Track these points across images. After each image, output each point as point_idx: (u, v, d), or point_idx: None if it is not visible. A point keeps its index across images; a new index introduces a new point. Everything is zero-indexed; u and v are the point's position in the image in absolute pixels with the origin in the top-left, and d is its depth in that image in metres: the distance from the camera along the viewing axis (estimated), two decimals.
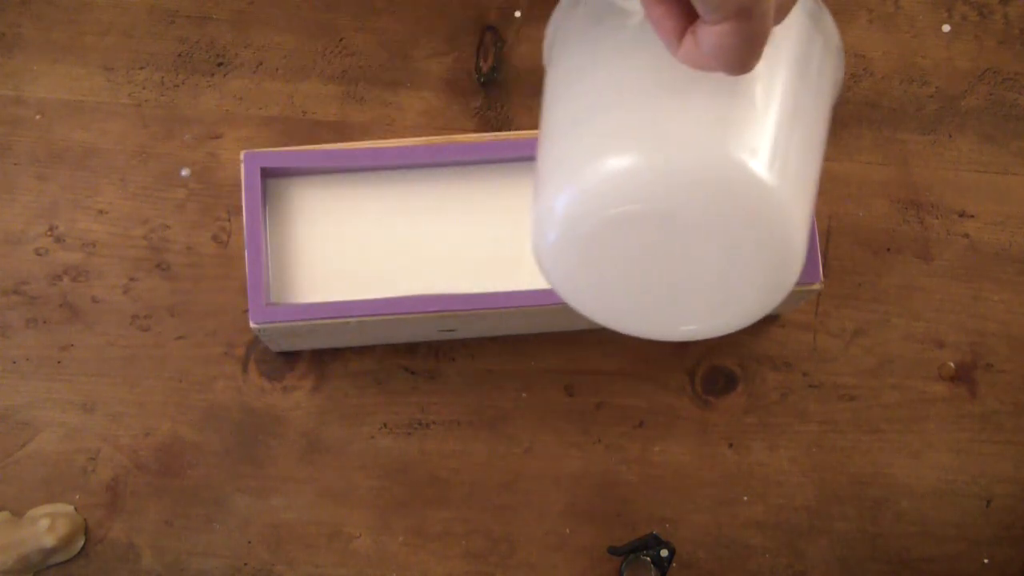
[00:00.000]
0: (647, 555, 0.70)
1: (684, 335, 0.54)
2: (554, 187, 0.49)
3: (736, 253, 0.48)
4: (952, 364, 0.75)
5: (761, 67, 0.47)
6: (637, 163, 0.46)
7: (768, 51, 0.47)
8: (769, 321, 0.74)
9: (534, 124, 0.77)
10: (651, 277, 0.51)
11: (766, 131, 0.48)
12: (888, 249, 0.76)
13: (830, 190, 0.76)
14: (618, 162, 0.46)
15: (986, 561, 0.73)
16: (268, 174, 0.66)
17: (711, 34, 0.43)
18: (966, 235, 0.76)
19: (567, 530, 0.72)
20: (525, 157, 0.65)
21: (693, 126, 0.47)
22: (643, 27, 0.47)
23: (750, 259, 0.49)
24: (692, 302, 0.52)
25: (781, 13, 0.45)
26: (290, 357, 0.73)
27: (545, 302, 0.64)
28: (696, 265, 0.50)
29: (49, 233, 0.74)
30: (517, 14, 0.78)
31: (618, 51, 0.49)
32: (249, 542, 0.71)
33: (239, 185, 0.67)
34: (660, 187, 0.46)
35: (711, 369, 0.74)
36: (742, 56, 0.44)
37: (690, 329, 0.54)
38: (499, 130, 0.76)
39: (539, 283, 0.65)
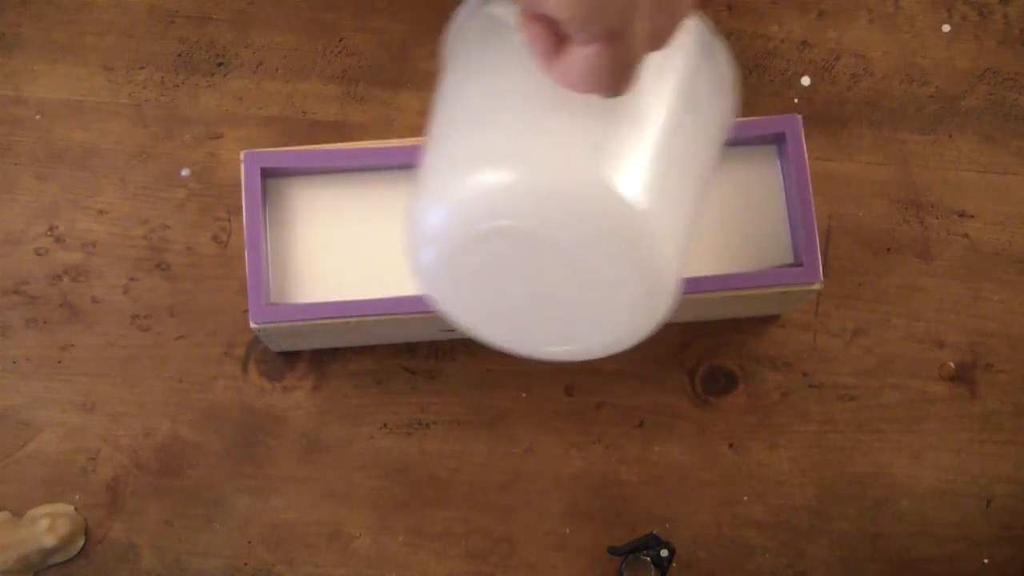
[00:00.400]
0: (647, 555, 0.70)
1: (556, 355, 0.54)
2: (429, 196, 0.48)
3: (606, 277, 0.48)
4: (952, 364, 0.75)
5: (643, 92, 0.46)
6: (510, 180, 0.46)
7: (651, 78, 0.46)
8: (769, 321, 0.74)
9: None
10: (523, 295, 0.51)
11: (641, 157, 0.47)
12: (888, 249, 0.76)
13: (830, 190, 0.76)
14: (491, 177, 0.46)
15: (986, 561, 0.73)
16: (268, 174, 0.66)
17: (580, 56, 0.43)
18: (966, 235, 0.76)
19: (567, 530, 0.72)
20: None
21: (567, 147, 0.46)
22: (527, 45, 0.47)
23: (620, 284, 0.48)
24: (564, 322, 0.52)
25: (658, 41, 0.45)
26: (290, 357, 0.73)
27: None
28: (567, 286, 0.49)
29: (49, 233, 0.74)
30: None
31: (502, 66, 0.49)
32: (249, 542, 0.71)
33: (239, 185, 0.67)
34: (531, 206, 0.46)
35: (711, 369, 0.74)
36: (611, 79, 0.43)
37: (562, 350, 0.53)
38: None
39: None
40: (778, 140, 0.67)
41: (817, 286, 0.65)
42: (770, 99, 0.77)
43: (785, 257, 0.67)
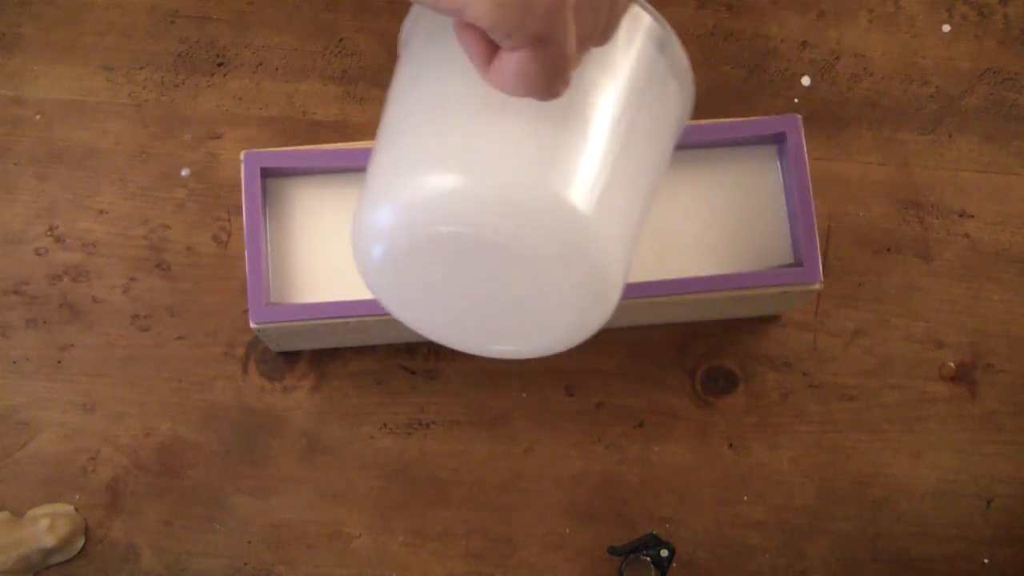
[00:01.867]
0: (647, 555, 0.70)
1: (501, 353, 0.54)
2: (375, 198, 0.48)
3: (551, 279, 0.48)
4: (952, 364, 0.75)
5: (591, 92, 0.46)
6: (456, 184, 0.46)
7: (600, 76, 0.46)
8: (769, 321, 0.74)
9: None
10: (469, 295, 0.51)
11: (589, 159, 0.47)
12: (888, 249, 0.76)
13: (830, 190, 0.76)
14: (438, 181, 0.46)
15: (986, 561, 0.73)
16: (268, 174, 0.66)
17: (509, 61, 0.43)
18: (966, 235, 0.76)
19: (567, 530, 0.72)
20: None
21: (512, 151, 0.46)
22: None
23: (565, 286, 0.48)
24: (508, 322, 0.52)
25: (594, 40, 0.44)
26: (290, 357, 0.73)
27: None
28: (512, 287, 0.49)
29: (49, 233, 0.74)
30: None
31: (450, 69, 0.48)
32: (249, 542, 0.71)
33: (239, 185, 0.67)
34: (477, 210, 0.46)
35: (711, 369, 0.74)
36: (544, 82, 0.43)
37: (505, 349, 0.54)
38: None
39: None
40: (778, 140, 0.67)
41: (817, 286, 0.65)
42: (770, 99, 0.77)
43: (785, 257, 0.67)
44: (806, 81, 0.78)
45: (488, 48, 0.44)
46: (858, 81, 0.78)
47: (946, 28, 0.79)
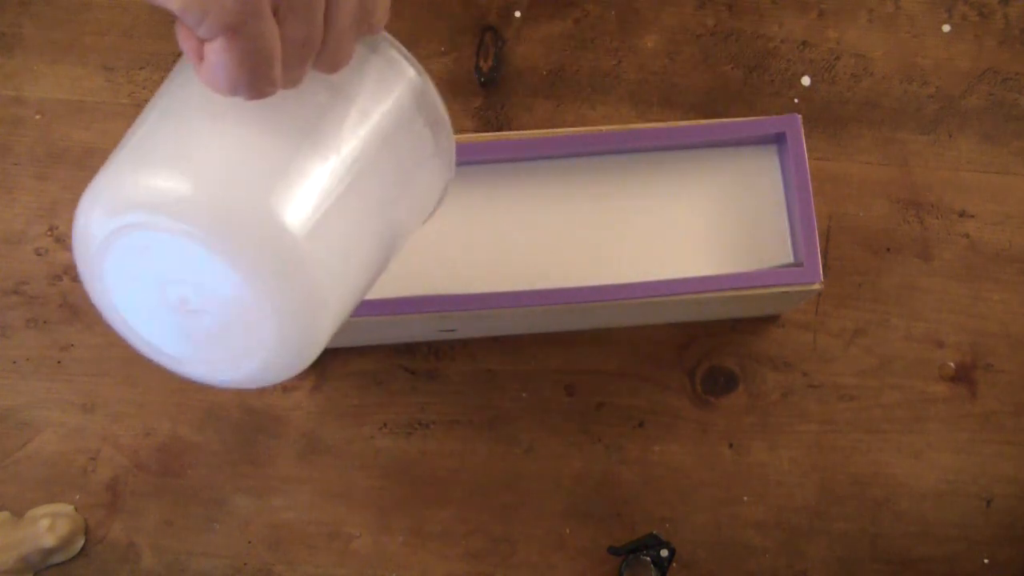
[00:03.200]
0: (647, 555, 0.70)
1: (200, 377, 0.51)
2: (89, 192, 0.47)
3: (249, 295, 0.45)
4: (952, 364, 0.75)
5: (321, 116, 0.45)
6: (165, 185, 0.44)
7: (335, 102, 0.46)
8: (769, 321, 0.74)
9: (534, 124, 0.77)
10: (175, 312, 0.48)
11: (303, 179, 0.45)
12: (888, 249, 0.76)
13: (830, 190, 0.76)
14: (145, 178, 0.44)
15: (986, 561, 0.73)
16: None
17: (208, 52, 0.42)
18: (966, 235, 0.76)
19: (567, 530, 0.72)
20: (523, 157, 0.65)
21: (216, 154, 0.45)
22: None
23: (264, 307, 0.46)
24: (212, 344, 0.49)
25: (314, 50, 0.43)
26: None
27: (544, 302, 0.64)
28: (215, 306, 0.47)
29: (49, 233, 0.74)
30: (517, 14, 0.78)
31: (185, 82, 0.48)
32: (249, 542, 0.71)
33: None
34: (172, 208, 0.44)
35: (711, 369, 0.74)
36: (244, 77, 0.42)
37: (199, 372, 0.50)
38: (499, 130, 0.76)
39: (538, 283, 0.65)
40: (778, 140, 0.67)
41: (817, 286, 0.65)
42: (770, 99, 0.77)
43: (785, 257, 0.67)
44: (806, 81, 0.78)
45: (200, 44, 0.43)
46: (858, 81, 0.78)
47: (946, 28, 0.79)
